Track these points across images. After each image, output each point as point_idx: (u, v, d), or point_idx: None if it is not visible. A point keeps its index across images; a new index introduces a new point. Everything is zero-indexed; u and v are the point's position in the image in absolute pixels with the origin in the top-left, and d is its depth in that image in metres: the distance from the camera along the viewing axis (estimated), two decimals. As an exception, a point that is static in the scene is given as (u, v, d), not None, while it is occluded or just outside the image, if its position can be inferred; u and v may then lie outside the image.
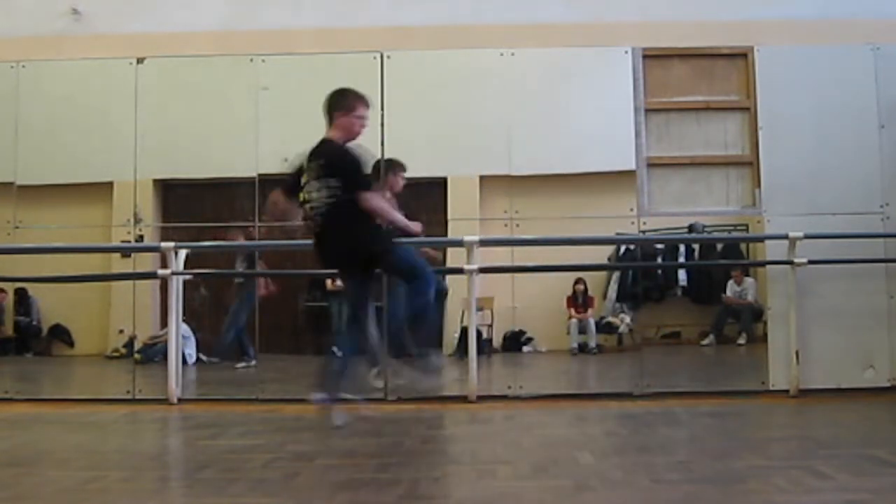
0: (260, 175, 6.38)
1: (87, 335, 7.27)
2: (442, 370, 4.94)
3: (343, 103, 4.55)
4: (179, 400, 5.94)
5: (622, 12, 6.38)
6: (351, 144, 4.54)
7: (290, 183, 4.55)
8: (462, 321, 6.61)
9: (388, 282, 5.51)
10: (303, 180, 4.46)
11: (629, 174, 6.22)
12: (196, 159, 6.62)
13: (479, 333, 6.13)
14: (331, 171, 4.40)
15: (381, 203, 4.60)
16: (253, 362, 6.82)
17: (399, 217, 4.67)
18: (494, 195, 6.61)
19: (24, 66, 6.44)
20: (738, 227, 6.84)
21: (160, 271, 6.05)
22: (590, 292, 7.42)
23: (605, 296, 7.59)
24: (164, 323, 6.34)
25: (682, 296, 7.54)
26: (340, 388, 4.52)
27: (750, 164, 6.27)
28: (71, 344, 7.26)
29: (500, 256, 6.47)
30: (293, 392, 6.29)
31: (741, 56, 6.35)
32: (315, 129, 6.47)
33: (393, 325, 5.00)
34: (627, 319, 7.39)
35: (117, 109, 6.38)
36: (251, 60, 6.37)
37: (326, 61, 6.36)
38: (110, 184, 6.69)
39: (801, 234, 5.87)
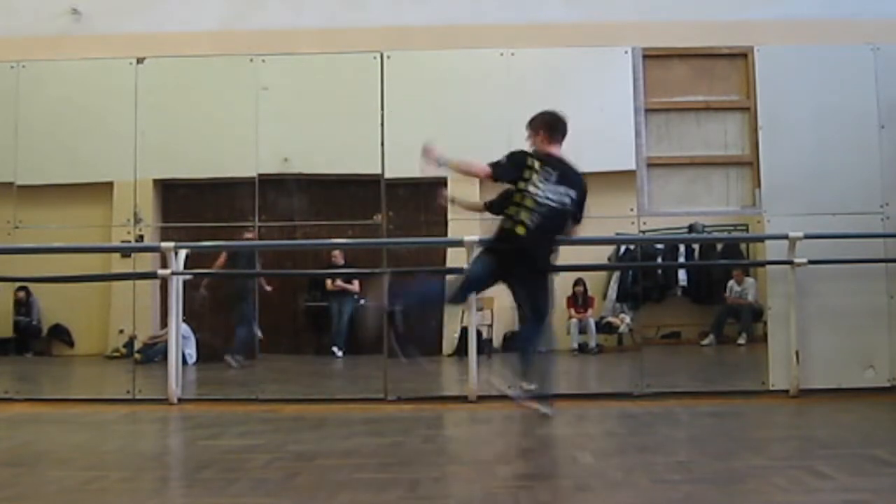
0: (260, 175, 6.39)
1: (87, 335, 7.26)
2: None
3: (566, 131, 4.97)
4: (179, 400, 5.94)
5: (622, 12, 6.38)
6: None
7: (513, 177, 4.82)
8: (462, 321, 6.60)
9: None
10: (529, 175, 4.77)
11: (629, 174, 6.22)
12: (196, 159, 6.61)
13: (479, 333, 6.12)
14: (570, 183, 4.82)
15: None
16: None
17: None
18: (494, 195, 6.59)
19: (24, 66, 6.43)
20: (738, 227, 6.83)
21: (160, 271, 6.05)
22: (590, 292, 7.40)
23: (605, 296, 7.58)
24: (164, 323, 6.34)
25: (682, 296, 7.51)
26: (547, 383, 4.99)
27: (750, 164, 6.28)
28: (71, 344, 7.25)
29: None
30: (293, 392, 6.31)
31: (741, 56, 6.35)
32: (315, 129, 6.55)
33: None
34: (627, 319, 7.38)
35: (117, 109, 6.37)
36: (251, 60, 6.37)
37: (326, 61, 6.38)
38: (110, 184, 6.68)
39: (801, 234, 5.87)
